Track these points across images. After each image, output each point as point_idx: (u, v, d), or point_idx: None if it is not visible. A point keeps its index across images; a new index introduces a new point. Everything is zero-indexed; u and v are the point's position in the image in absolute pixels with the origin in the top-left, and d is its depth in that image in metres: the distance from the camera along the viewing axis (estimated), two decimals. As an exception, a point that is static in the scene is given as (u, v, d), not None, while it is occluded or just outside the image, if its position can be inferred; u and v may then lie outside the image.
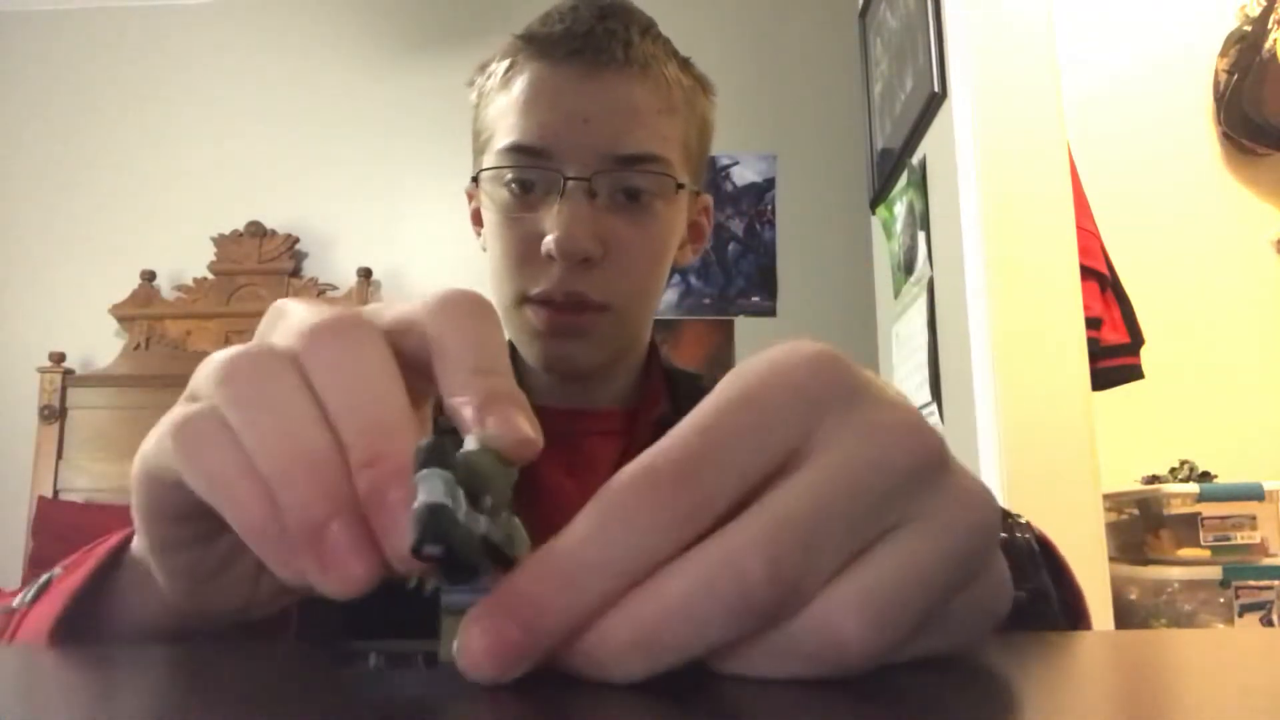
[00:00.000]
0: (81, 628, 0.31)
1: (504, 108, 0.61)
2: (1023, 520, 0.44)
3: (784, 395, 0.21)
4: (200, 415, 0.23)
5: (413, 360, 0.24)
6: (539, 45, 0.61)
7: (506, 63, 0.63)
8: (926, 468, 0.21)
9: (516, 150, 0.59)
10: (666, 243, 0.63)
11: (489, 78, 0.64)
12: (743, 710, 0.18)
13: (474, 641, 0.19)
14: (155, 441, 0.24)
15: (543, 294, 0.59)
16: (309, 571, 0.20)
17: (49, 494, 2.40)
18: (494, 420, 0.21)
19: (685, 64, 0.66)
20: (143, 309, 2.54)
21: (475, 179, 0.64)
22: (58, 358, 2.49)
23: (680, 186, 0.62)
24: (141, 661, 0.25)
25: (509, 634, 0.19)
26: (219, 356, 0.24)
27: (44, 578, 0.35)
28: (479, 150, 0.65)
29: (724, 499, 0.20)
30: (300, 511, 0.20)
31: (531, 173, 0.60)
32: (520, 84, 0.61)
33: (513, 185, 0.60)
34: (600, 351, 0.61)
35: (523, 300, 0.60)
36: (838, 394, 0.21)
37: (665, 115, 0.61)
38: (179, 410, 0.24)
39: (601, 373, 0.63)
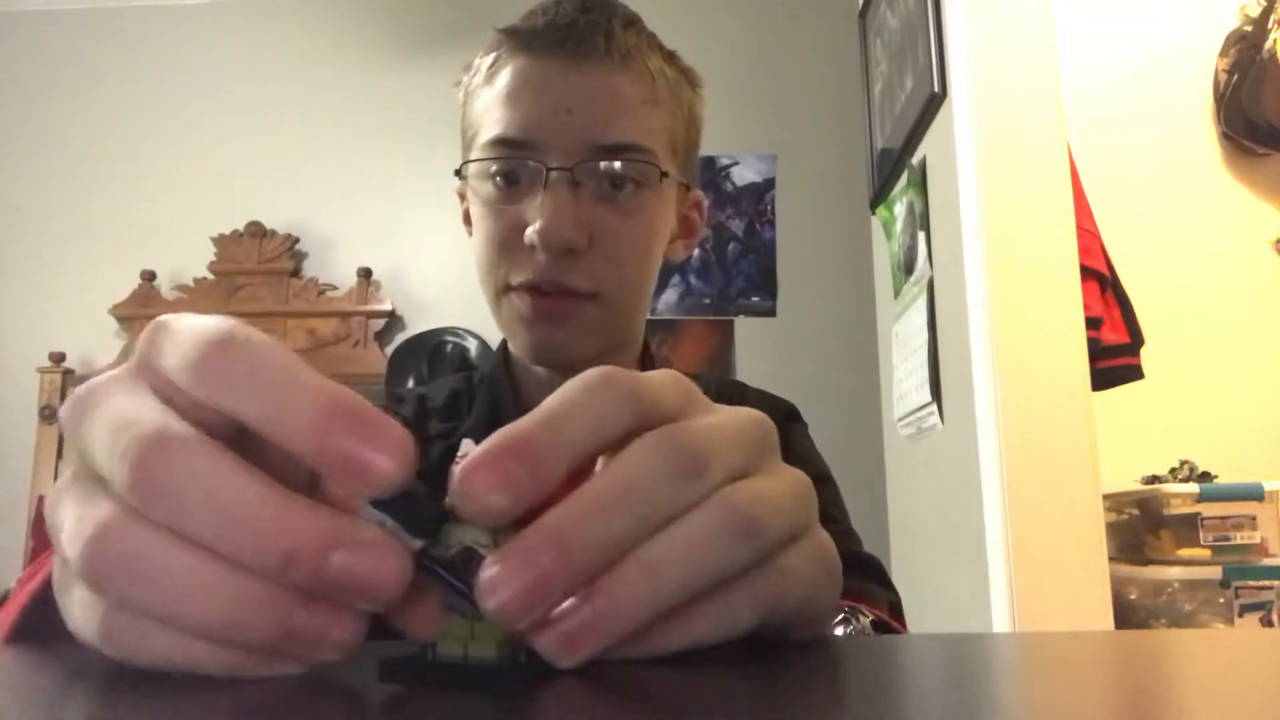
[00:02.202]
0: (42, 631, 0.31)
1: (489, 102, 0.61)
2: (862, 613, 0.47)
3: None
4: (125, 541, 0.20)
5: None
6: (521, 39, 0.61)
7: (491, 58, 0.63)
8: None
9: (500, 143, 0.60)
10: (655, 233, 0.63)
11: (474, 74, 0.64)
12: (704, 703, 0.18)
13: (479, 471, 0.20)
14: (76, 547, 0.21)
15: (527, 282, 0.59)
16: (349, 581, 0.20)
17: (49, 494, 2.39)
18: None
19: (670, 56, 0.66)
20: (143, 309, 2.54)
21: (459, 173, 0.63)
22: (58, 358, 2.49)
23: (664, 174, 0.61)
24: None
25: (514, 473, 0.20)
26: (116, 441, 0.21)
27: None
28: (466, 147, 0.65)
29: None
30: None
31: (516, 165, 0.60)
32: (503, 78, 0.61)
33: (497, 178, 0.60)
34: (589, 340, 0.61)
35: (507, 289, 0.60)
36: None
37: (649, 106, 0.61)
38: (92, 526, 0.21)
39: (593, 366, 0.62)
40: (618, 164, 0.59)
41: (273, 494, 0.20)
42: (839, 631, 0.44)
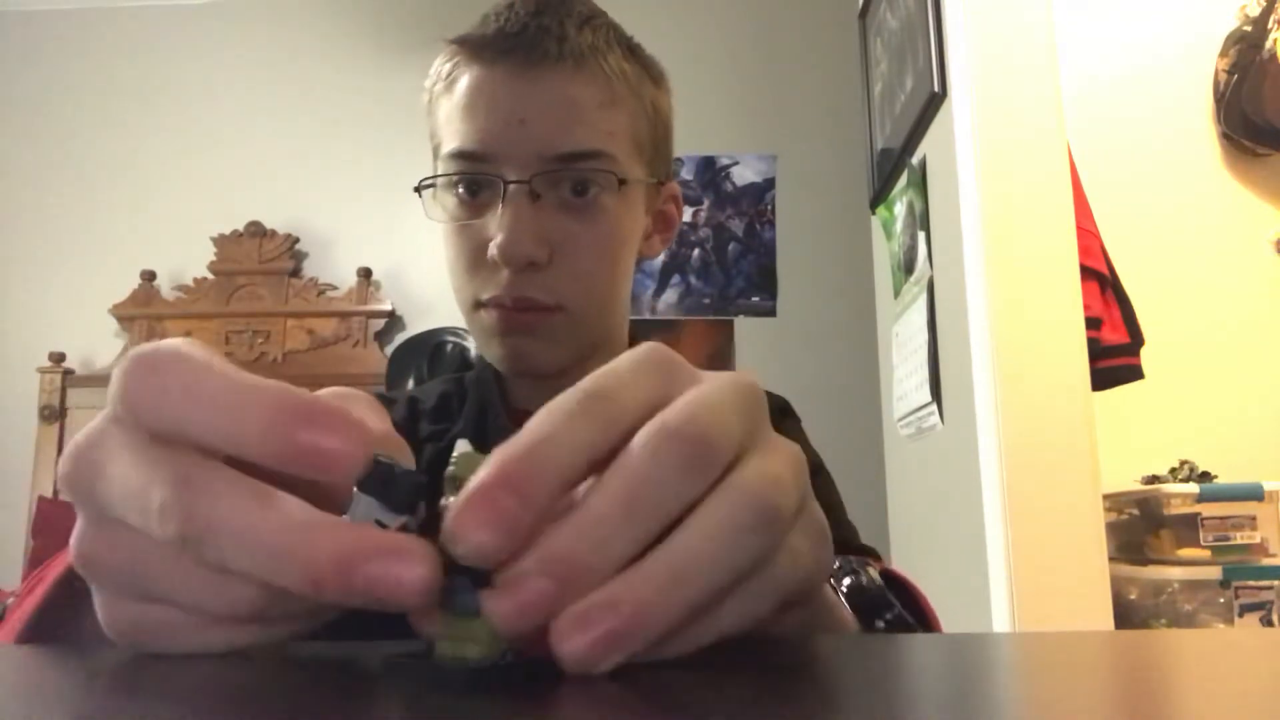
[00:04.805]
0: (60, 627, 0.31)
1: (449, 113, 0.61)
2: (870, 565, 0.46)
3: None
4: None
5: None
6: (473, 47, 0.60)
7: (448, 66, 0.62)
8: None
9: (459, 156, 0.60)
10: (621, 238, 0.62)
11: (435, 82, 0.64)
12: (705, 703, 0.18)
13: (468, 511, 0.19)
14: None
15: (494, 299, 0.59)
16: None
17: (49, 494, 2.40)
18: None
19: (631, 52, 0.64)
20: (143, 309, 2.54)
21: (418, 190, 0.63)
22: (58, 358, 2.49)
23: (623, 182, 0.60)
24: (135, 661, 0.25)
25: (505, 507, 0.19)
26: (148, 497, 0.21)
27: None
28: (435, 156, 0.65)
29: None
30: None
31: (475, 178, 0.59)
32: (460, 88, 0.60)
33: (460, 191, 0.60)
34: (560, 350, 0.61)
35: (478, 305, 0.61)
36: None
37: (607, 108, 0.60)
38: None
39: (570, 373, 0.62)
40: (575, 173, 0.59)
41: (289, 519, 0.20)
42: (846, 583, 0.43)
